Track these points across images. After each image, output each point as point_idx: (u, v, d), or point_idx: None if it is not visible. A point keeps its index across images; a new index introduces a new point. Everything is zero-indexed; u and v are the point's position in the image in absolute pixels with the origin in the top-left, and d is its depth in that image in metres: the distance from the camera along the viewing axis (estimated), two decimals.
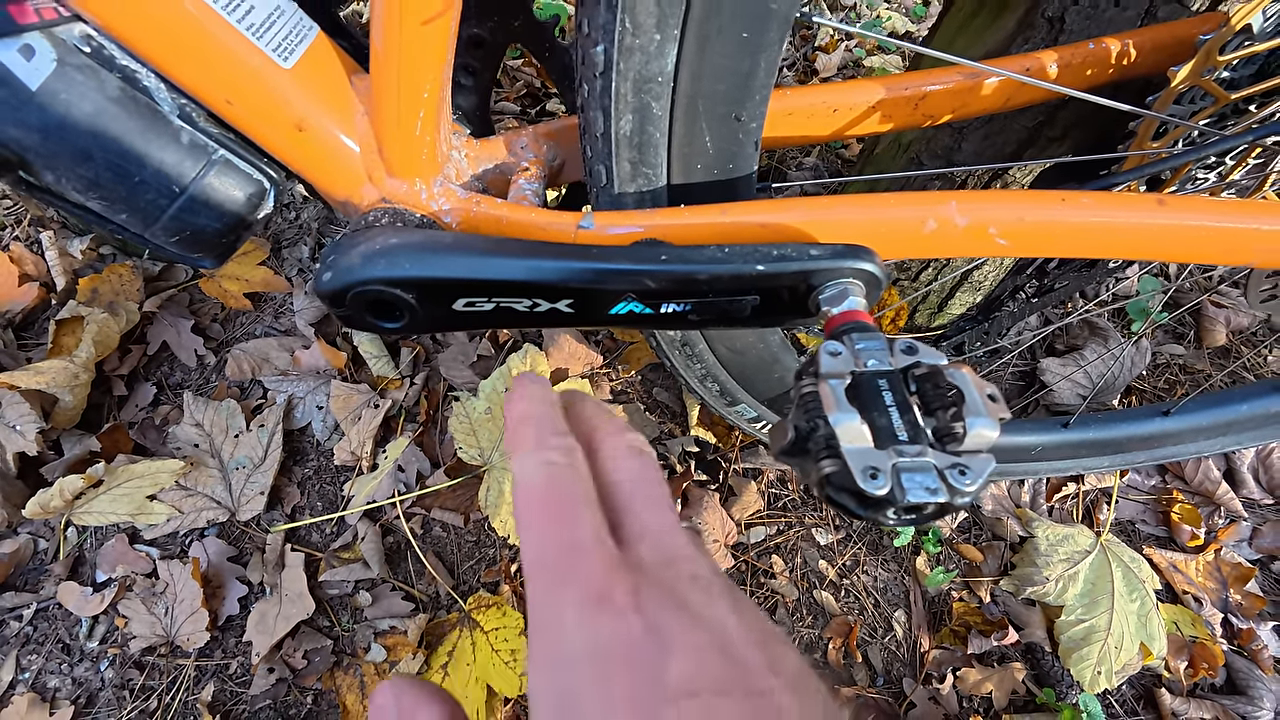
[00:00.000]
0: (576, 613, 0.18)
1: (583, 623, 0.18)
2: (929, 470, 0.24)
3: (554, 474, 0.22)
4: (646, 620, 0.18)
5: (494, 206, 0.41)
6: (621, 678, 0.16)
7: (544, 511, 0.21)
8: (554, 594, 0.19)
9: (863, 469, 0.24)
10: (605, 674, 0.17)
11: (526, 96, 1.22)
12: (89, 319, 0.84)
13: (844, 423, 0.25)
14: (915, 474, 0.24)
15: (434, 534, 0.83)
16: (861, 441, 0.25)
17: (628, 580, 0.19)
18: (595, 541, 0.20)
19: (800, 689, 0.17)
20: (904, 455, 0.25)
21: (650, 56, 0.33)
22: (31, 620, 0.76)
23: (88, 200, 0.38)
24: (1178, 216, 0.36)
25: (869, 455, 0.24)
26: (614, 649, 0.17)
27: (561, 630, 0.18)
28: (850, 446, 0.25)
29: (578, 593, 0.18)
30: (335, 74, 0.38)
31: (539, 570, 0.19)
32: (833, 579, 0.84)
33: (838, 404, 0.26)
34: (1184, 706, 0.77)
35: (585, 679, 0.17)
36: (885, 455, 0.25)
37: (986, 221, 0.37)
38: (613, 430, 0.25)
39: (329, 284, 0.35)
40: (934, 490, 0.24)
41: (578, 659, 0.17)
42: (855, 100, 0.47)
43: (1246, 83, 0.45)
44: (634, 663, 0.17)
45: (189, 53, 0.33)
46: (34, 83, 0.33)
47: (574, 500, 0.21)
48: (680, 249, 0.35)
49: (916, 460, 0.24)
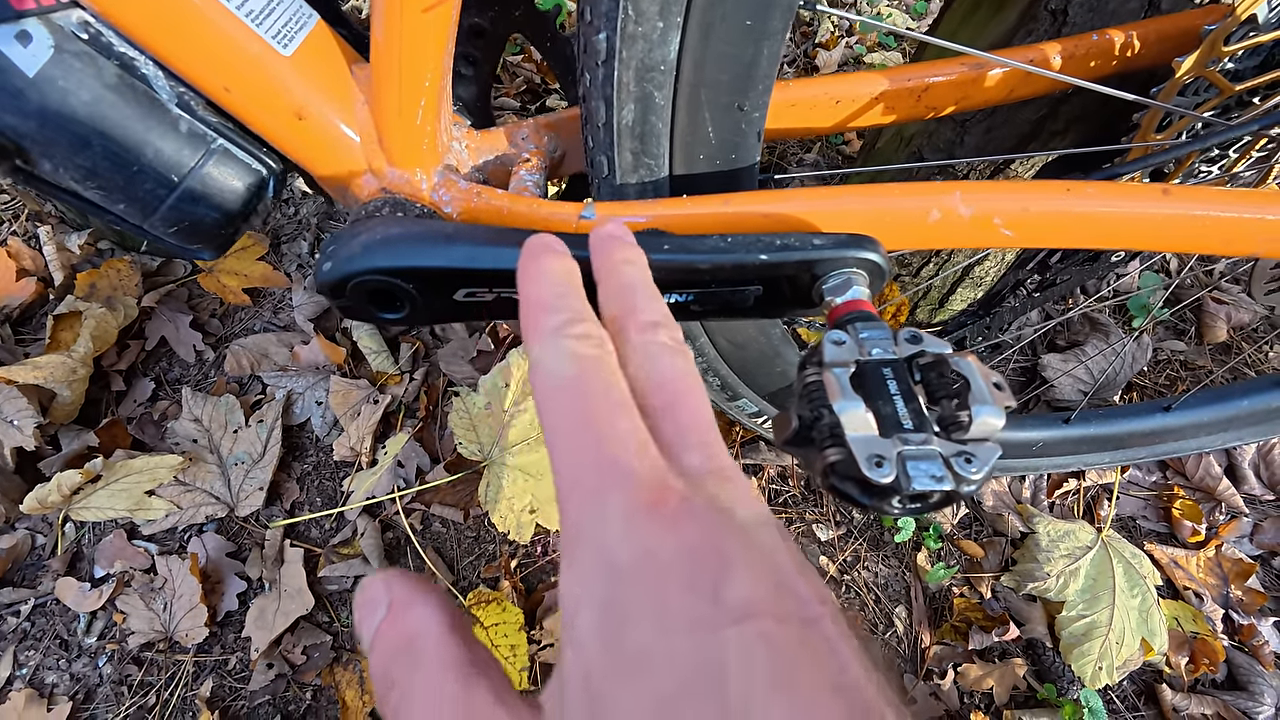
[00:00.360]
0: (624, 521, 0.16)
1: (632, 531, 0.16)
2: (935, 458, 0.24)
3: (585, 367, 0.19)
4: (703, 532, 0.16)
5: (495, 197, 0.40)
6: (678, 592, 0.15)
7: (577, 410, 0.18)
8: (595, 503, 0.17)
9: (868, 457, 0.24)
10: (660, 587, 0.15)
11: (526, 92, 1.21)
12: (87, 314, 0.84)
13: (849, 410, 0.25)
14: (921, 462, 0.24)
15: (434, 530, 0.83)
16: (866, 429, 0.25)
17: (679, 487, 0.17)
18: (640, 445, 0.18)
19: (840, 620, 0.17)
20: (909, 443, 0.25)
21: (653, 44, 0.33)
22: (29, 616, 0.75)
23: (85, 190, 0.38)
24: (1183, 206, 0.36)
25: (874, 443, 0.24)
26: (669, 560, 0.16)
27: (606, 540, 0.16)
28: (855, 434, 0.24)
29: (624, 500, 0.17)
30: (335, 62, 0.37)
31: (576, 478, 0.18)
32: (833, 574, 0.84)
33: (843, 392, 0.25)
34: (1185, 702, 0.77)
35: (636, 591, 0.15)
36: (890, 443, 0.24)
37: (991, 212, 0.36)
38: (648, 318, 0.22)
39: (329, 274, 0.34)
40: (940, 478, 0.24)
41: (627, 569, 0.16)
42: (858, 92, 0.47)
43: (1251, 74, 0.45)
44: (691, 577, 0.15)
45: (187, 39, 0.33)
46: (31, 69, 0.33)
47: (610, 397, 0.19)
48: (682, 239, 0.35)
49: (922, 448, 0.24)
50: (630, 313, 0.22)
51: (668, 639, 0.15)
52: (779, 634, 0.15)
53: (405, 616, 0.18)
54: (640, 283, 0.24)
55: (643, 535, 0.16)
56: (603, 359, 0.20)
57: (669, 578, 0.15)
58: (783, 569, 0.17)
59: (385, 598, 0.18)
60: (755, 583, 0.16)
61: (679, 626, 0.15)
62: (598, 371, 0.19)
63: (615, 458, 0.17)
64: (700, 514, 0.17)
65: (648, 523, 0.16)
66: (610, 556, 0.16)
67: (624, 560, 0.16)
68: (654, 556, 0.16)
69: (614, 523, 0.16)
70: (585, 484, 0.17)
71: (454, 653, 0.17)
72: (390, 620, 0.18)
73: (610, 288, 0.23)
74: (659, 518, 0.16)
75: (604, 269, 0.24)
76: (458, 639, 0.18)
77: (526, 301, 0.22)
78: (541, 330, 0.20)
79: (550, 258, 0.23)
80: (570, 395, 0.19)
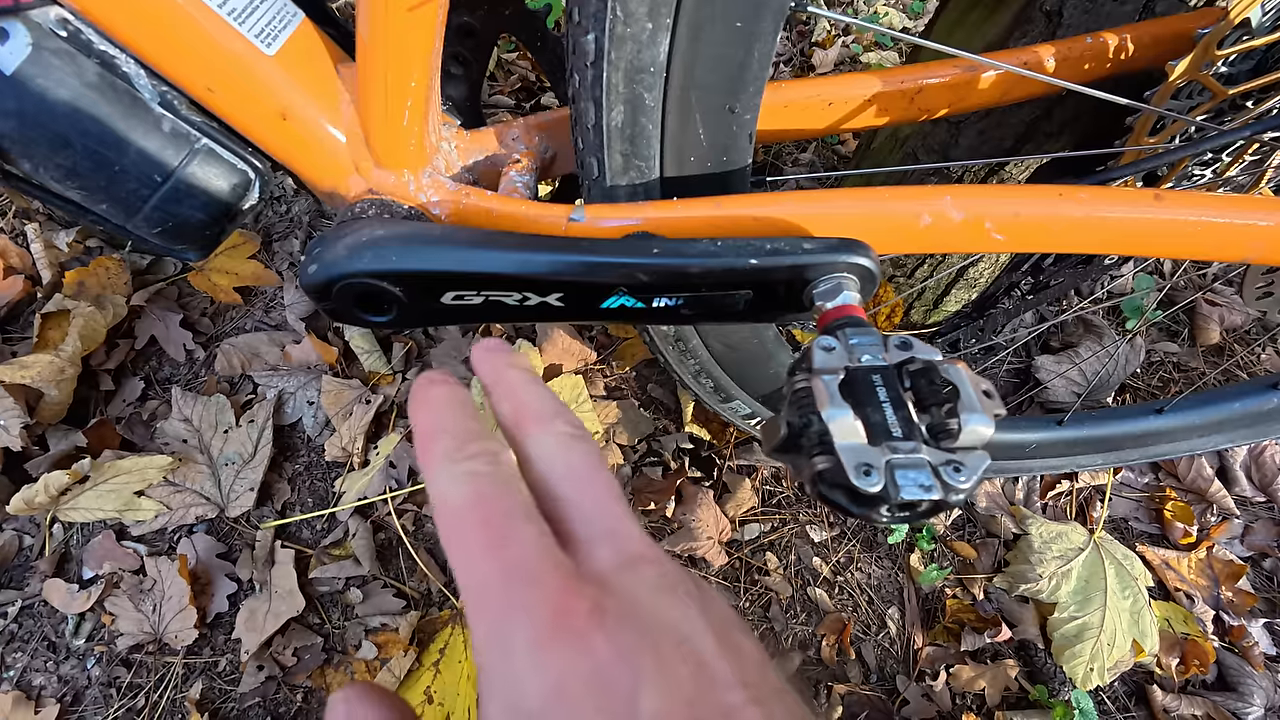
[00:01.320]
0: (530, 651, 0.16)
1: (539, 662, 0.15)
2: (923, 467, 0.24)
3: (479, 486, 0.19)
4: (614, 644, 0.16)
5: (483, 199, 0.40)
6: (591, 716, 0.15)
7: (475, 531, 0.18)
8: (501, 632, 0.16)
9: (856, 465, 0.23)
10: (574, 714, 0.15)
11: (521, 90, 1.21)
12: (75, 313, 0.83)
13: (837, 418, 0.24)
14: (909, 471, 0.24)
15: (426, 531, 0.82)
16: (855, 437, 0.24)
17: (587, 597, 0.17)
18: (541, 557, 0.17)
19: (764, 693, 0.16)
20: (898, 452, 0.24)
21: (642, 46, 0.33)
22: (16, 618, 0.75)
23: (67, 190, 0.37)
24: (1174, 212, 0.35)
25: (862, 451, 0.24)
26: (579, 686, 0.15)
27: (514, 676, 0.15)
28: (843, 442, 0.24)
29: (529, 625, 0.16)
30: (320, 62, 0.37)
31: (480, 605, 0.17)
32: (827, 576, 0.84)
33: (831, 399, 0.25)
34: (1175, 703, 0.77)
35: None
36: (879, 451, 0.24)
37: (982, 216, 0.36)
38: (543, 414, 0.22)
39: (314, 277, 0.34)
40: (928, 487, 0.23)
41: (539, 705, 0.15)
42: (851, 93, 0.46)
43: (1244, 78, 0.45)
44: (604, 700, 0.15)
45: (168, 38, 0.32)
46: (9, 67, 0.32)
47: (507, 512, 0.18)
48: (672, 242, 0.34)
49: (910, 457, 0.24)
50: (523, 410, 0.22)
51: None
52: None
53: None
54: (528, 380, 0.23)
55: (551, 664, 0.15)
56: (496, 473, 0.19)
57: (583, 703, 0.15)
58: (701, 656, 0.16)
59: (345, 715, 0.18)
60: (670, 686, 0.15)
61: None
62: (491, 486, 0.19)
63: (517, 573, 0.17)
64: (610, 624, 0.16)
65: (555, 647, 0.16)
66: (520, 700, 0.15)
67: (534, 701, 0.15)
68: (564, 687, 0.15)
69: (520, 656, 0.16)
70: (490, 610, 0.17)
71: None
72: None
73: (500, 393, 0.23)
74: (567, 637, 0.16)
75: (490, 378, 0.24)
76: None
77: (417, 437, 0.21)
78: (433, 459, 0.20)
79: (435, 387, 0.22)
80: (467, 517, 0.18)
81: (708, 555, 0.82)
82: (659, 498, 0.83)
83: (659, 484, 0.85)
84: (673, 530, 0.83)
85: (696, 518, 0.83)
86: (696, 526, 0.82)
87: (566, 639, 0.16)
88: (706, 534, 0.82)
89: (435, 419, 0.21)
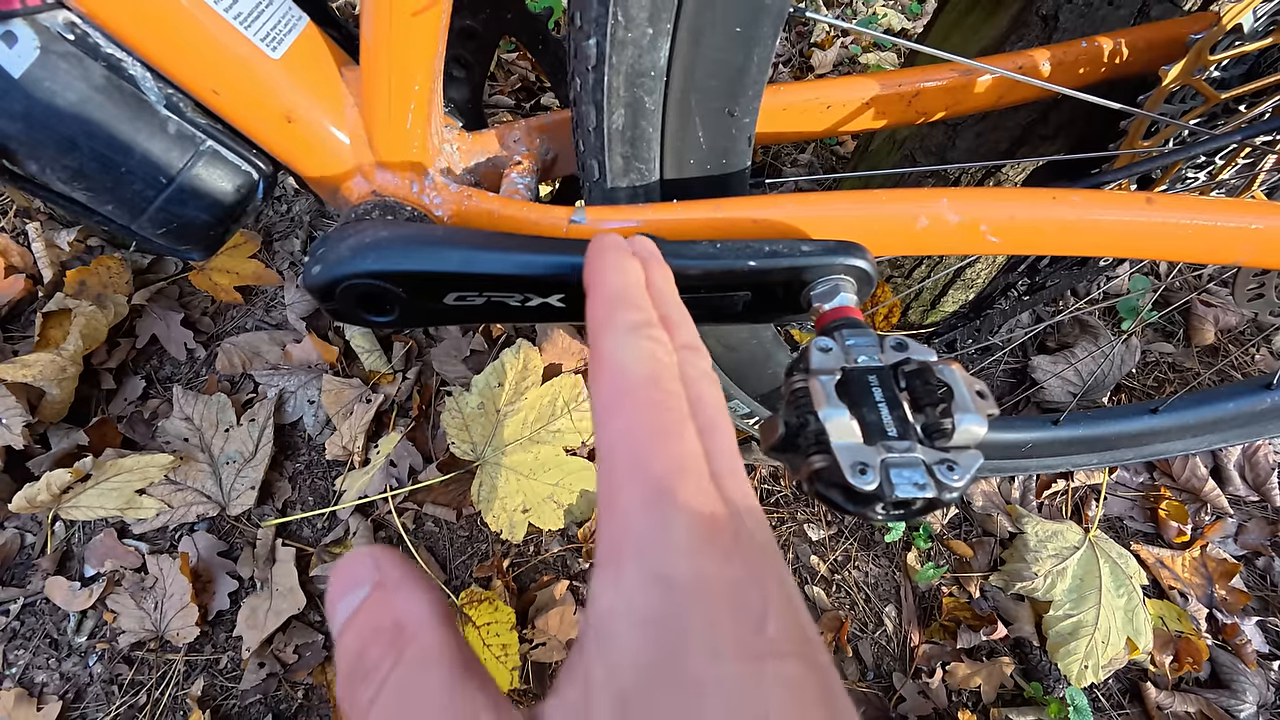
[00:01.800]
0: (687, 538, 0.16)
1: (693, 550, 0.16)
2: (917, 466, 0.24)
3: (660, 372, 0.19)
4: (749, 568, 0.17)
5: (486, 200, 0.40)
6: (728, 620, 0.15)
7: (649, 414, 0.18)
8: (658, 514, 0.17)
9: (851, 464, 0.24)
10: (713, 612, 0.15)
11: (521, 90, 1.21)
12: (76, 311, 0.83)
13: (833, 418, 0.25)
14: (904, 469, 0.24)
15: (426, 529, 0.83)
16: (850, 437, 0.25)
17: (729, 520, 0.17)
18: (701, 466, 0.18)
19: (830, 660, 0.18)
20: (893, 451, 0.25)
21: (643, 50, 0.33)
22: (18, 615, 0.75)
23: (73, 191, 0.37)
24: (1166, 215, 0.36)
25: (858, 451, 0.25)
26: (722, 589, 0.16)
27: (666, 555, 0.16)
28: (839, 442, 0.25)
29: (688, 520, 0.17)
30: (325, 65, 0.37)
31: (639, 482, 0.17)
32: (824, 574, 0.84)
33: (827, 399, 0.26)
34: (1169, 700, 0.78)
35: (693, 611, 0.15)
36: (874, 451, 0.25)
37: (978, 219, 0.37)
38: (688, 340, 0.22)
39: (318, 277, 0.34)
40: (922, 485, 0.24)
41: (686, 587, 0.16)
42: (849, 96, 0.47)
43: (1237, 82, 0.45)
44: (740, 609, 0.16)
45: (175, 41, 0.32)
46: (16, 70, 0.32)
47: (679, 408, 0.19)
48: (672, 244, 0.35)
49: (905, 456, 0.24)
50: (672, 329, 0.22)
51: (719, 666, 0.14)
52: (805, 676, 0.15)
53: (394, 599, 0.17)
54: (677, 302, 0.24)
55: (700, 559, 0.16)
56: (674, 369, 0.20)
57: (721, 605, 0.15)
58: (804, 614, 0.17)
59: (371, 575, 0.17)
60: (790, 623, 0.16)
61: (730, 653, 0.15)
62: (672, 380, 0.19)
63: (683, 472, 0.17)
64: (746, 549, 0.17)
65: (706, 548, 0.16)
66: (668, 572, 0.16)
67: (683, 580, 0.16)
68: (709, 583, 0.16)
69: (678, 539, 0.16)
70: (648, 491, 0.17)
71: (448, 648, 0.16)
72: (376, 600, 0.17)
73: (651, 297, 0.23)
74: (715, 545, 0.16)
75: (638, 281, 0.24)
76: (451, 634, 0.17)
77: (604, 291, 0.21)
78: (618, 324, 0.20)
79: (629, 258, 0.22)
80: (644, 397, 0.18)
81: None
82: None
83: None
84: None
85: None
86: None
87: (716, 546, 0.16)
88: None
89: (626, 287, 0.21)
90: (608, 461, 0.18)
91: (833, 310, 0.32)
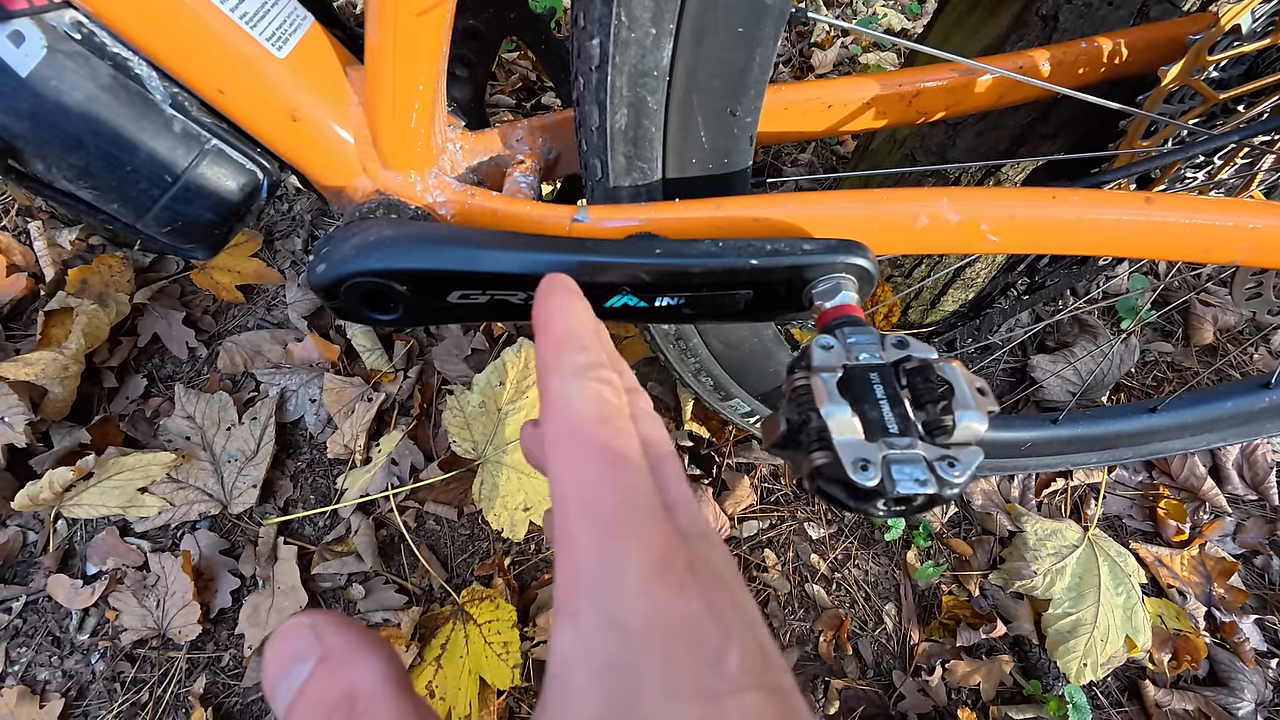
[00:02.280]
0: (639, 576, 0.16)
1: (646, 589, 0.16)
2: (919, 462, 0.25)
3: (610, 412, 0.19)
4: (705, 598, 0.16)
5: (489, 199, 0.41)
6: (685, 659, 0.15)
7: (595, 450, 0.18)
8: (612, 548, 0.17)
9: (853, 461, 0.24)
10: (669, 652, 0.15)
11: (522, 90, 1.21)
12: (78, 310, 0.83)
13: (835, 415, 0.25)
14: (905, 466, 0.24)
15: (427, 527, 0.83)
16: (852, 434, 0.25)
17: (684, 551, 0.17)
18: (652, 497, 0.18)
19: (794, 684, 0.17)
20: (894, 447, 0.25)
21: (646, 50, 0.33)
22: (21, 613, 0.75)
23: (78, 189, 0.38)
24: (1165, 214, 0.36)
25: (860, 447, 0.25)
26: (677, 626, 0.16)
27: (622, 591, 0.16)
28: (841, 438, 0.25)
29: (640, 554, 0.16)
30: (330, 64, 0.37)
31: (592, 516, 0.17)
32: (824, 573, 0.84)
33: (829, 396, 0.26)
34: (1167, 698, 0.78)
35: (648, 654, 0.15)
36: (876, 447, 0.25)
37: (978, 218, 0.37)
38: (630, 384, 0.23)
39: (323, 276, 0.35)
40: (923, 482, 0.24)
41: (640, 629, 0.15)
42: (850, 96, 0.47)
43: (1235, 83, 0.46)
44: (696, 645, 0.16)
45: (181, 40, 0.33)
46: (24, 70, 0.33)
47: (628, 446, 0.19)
48: (675, 243, 0.35)
49: (906, 452, 0.25)
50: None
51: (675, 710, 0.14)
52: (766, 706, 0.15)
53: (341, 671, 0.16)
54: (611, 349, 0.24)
55: (654, 598, 0.16)
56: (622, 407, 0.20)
57: (678, 644, 0.15)
58: (763, 637, 0.17)
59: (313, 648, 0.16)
60: (750, 652, 0.16)
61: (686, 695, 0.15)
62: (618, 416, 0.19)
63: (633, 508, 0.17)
64: (702, 578, 0.17)
65: (659, 584, 0.16)
66: (622, 616, 0.16)
67: (636, 622, 0.15)
68: (663, 621, 0.16)
69: (630, 578, 0.16)
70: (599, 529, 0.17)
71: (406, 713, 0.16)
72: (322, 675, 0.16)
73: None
74: (668, 580, 0.16)
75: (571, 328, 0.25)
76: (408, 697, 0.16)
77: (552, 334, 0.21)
78: (566, 366, 0.20)
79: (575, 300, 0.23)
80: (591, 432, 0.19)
81: None
82: None
83: None
84: None
85: None
86: None
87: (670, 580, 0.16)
88: None
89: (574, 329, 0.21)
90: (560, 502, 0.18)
91: (834, 308, 0.32)
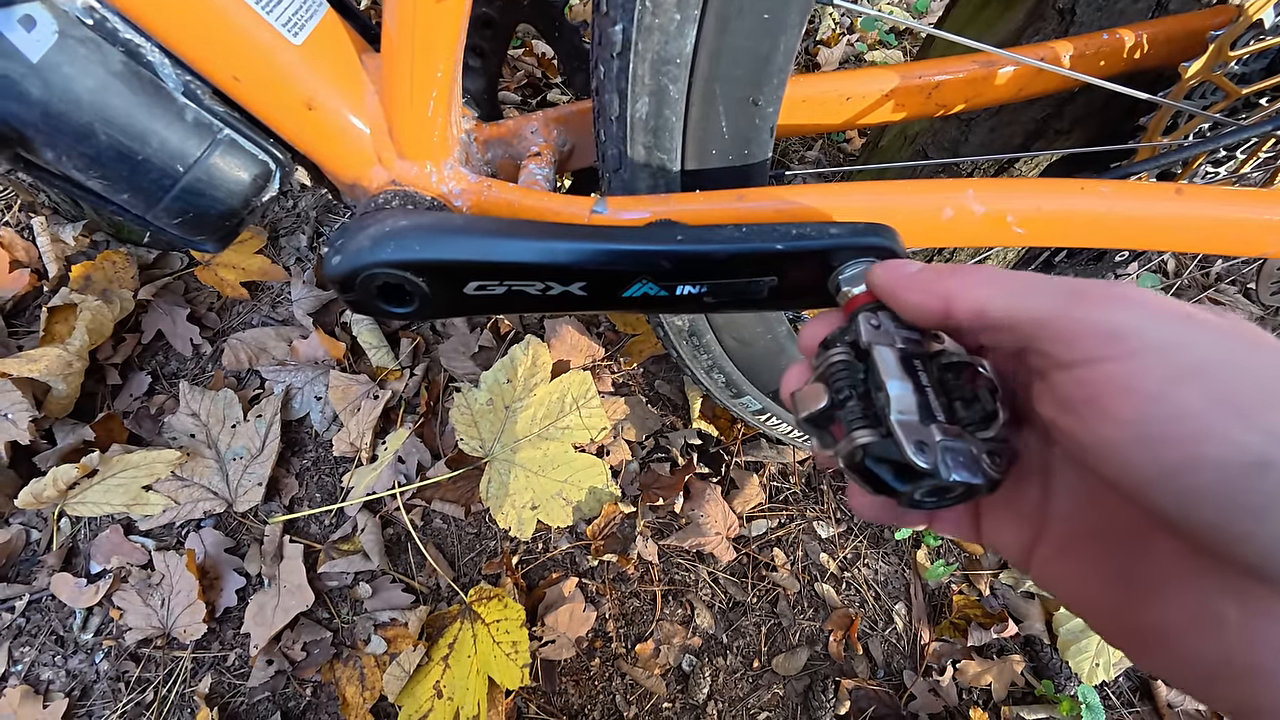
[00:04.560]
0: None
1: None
2: (968, 452, 0.24)
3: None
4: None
5: (505, 190, 0.40)
6: None
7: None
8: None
9: (913, 441, 0.23)
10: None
11: (527, 86, 1.21)
12: (82, 306, 0.82)
13: (899, 391, 0.24)
14: (959, 454, 0.23)
15: (434, 526, 0.82)
16: (911, 414, 0.24)
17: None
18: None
19: None
20: (946, 434, 0.24)
21: (669, 37, 0.33)
22: (24, 612, 0.74)
23: (88, 179, 0.37)
24: (1195, 206, 0.36)
25: (918, 429, 0.24)
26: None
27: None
28: (902, 417, 0.24)
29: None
30: (346, 52, 0.37)
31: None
32: (834, 572, 0.84)
33: (893, 370, 0.25)
34: (1180, 698, 0.78)
35: None
36: (932, 430, 0.24)
37: (1004, 210, 0.36)
38: None
39: (338, 267, 0.34)
40: (973, 472, 0.23)
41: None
42: (869, 88, 0.47)
43: (1258, 77, 0.45)
44: None
45: (195, 27, 0.32)
46: (35, 55, 0.32)
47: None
48: (697, 229, 0.34)
49: (957, 442, 0.24)
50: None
51: None
52: None
53: None
54: None
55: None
56: None
57: None
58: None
59: None
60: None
61: None
62: None
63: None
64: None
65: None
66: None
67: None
68: None
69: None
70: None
71: None
72: None
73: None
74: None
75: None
76: None
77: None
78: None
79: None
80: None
81: (716, 551, 0.82)
82: (667, 493, 0.83)
83: (667, 479, 0.85)
84: (681, 526, 0.83)
85: (705, 513, 0.83)
86: (705, 522, 0.82)
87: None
88: (715, 529, 0.82)
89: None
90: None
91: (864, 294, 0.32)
